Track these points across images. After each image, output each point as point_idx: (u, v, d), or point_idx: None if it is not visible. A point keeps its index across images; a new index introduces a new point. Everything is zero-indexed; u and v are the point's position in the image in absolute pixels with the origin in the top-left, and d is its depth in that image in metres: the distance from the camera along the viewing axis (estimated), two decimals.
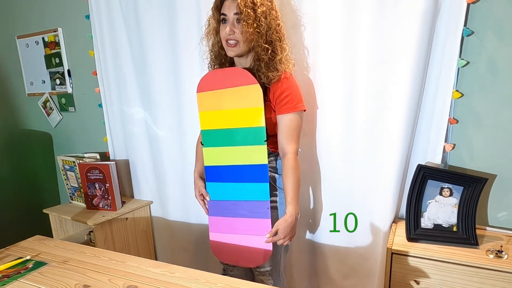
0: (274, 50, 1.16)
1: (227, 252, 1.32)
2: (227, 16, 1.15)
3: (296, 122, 1.20)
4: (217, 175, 1.29)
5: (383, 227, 1.40)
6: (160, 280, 0.98)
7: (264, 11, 1.12)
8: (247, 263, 1.29)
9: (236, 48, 1.16)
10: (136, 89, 1.81)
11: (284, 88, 1.18)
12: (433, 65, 1.25)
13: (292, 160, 1.19)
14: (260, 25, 1.12)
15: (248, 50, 1.18)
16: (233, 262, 1.32)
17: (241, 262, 1.30)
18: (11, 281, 1.02)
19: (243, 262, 1.30)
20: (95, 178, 1.82)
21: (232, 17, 1.14)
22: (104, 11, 1.78)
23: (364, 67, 1.30)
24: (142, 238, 1.94)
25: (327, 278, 1.57)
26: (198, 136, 1.44)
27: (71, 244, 1.26)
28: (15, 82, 2.43)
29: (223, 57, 1.27)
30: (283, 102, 1.18)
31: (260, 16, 1.11)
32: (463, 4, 1.15)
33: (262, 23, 1.12)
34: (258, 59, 1.17)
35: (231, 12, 1.13)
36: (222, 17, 1.16)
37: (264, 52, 1.15)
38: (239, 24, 1.13)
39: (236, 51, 1.17)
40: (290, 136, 1.20)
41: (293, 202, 1.18)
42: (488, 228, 1.31)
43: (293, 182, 1.18)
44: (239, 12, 1.11)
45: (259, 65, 1.17)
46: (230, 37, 1.15)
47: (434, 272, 1.18)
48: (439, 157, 1.29)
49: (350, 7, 1.27)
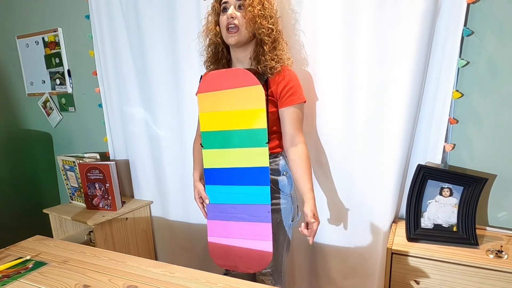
0: (275, 39, 1.18)
1: (226, 258, 1.29)
2: (229, 2, 1.16)
3: (301, 113, 1.24)
4: (217, 177, 1.27)
5: (383, 227, 1.40)
6: (160, 280, 0.98)
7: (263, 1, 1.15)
8: (247, 268, 1.27)
9: (237, 35, 1.16)
10: (136, 89, 1.81)
11: (288, 80, 1.19)
12: (433, 65, 1.25)
13: (305, 149, 1.22)
14: (264, 8, 1.15)
15: (248, 37, 1.18)
16: (232, 267, 1.30)
17: (240, 267, 1.27)
18: (11, 281, 1.02)
19: (243, 268, 1.27)
20: (95, 178, 1.82)
21: (235, 2, 1.15)
22: (104, 11, 1.78)
23: (364, 67, 1.30)
24: (142, 238, 1.94)
25: (327, 278, 1.57)
26: (195, 138, 1.43)
27: (71, 244, 1.26)
28: (15, 82, 2.43)
29: (220, 52, 1.26)
30: (288, 94, 1.19)
31: (264, 1, 1.15)
32: (463, 4, 1.15)
33: (266, 6, 1.15)
34: (261, 45, 1.17)
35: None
36: (223, 6, 1.18)
37: (268, 35, 1.16)
38: (241, 10, 1.15)
39: (237, 38, 1.16)
40: (299, 126, 1.23)
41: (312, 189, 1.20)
42: (488, 228, 1.31)
43: (309, 170, 1.21)
44: None
45: (262, 51, 1.17)
46: (231, 20, 1.15)
47: (434, 272, 1.18)
48: (439, 157, 1.29)
49: (350, 8, 1.27)
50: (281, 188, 1.27)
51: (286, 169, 1.28)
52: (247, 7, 1.14)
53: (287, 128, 1.22)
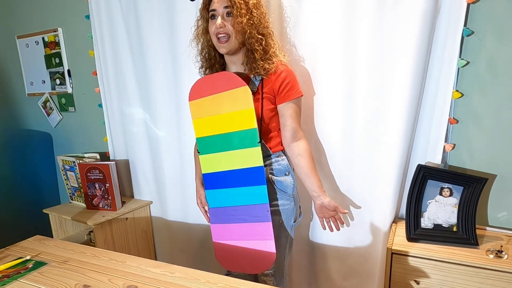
0: (266, 44, 1.17)
1: (232, 260, 1.30)
2: (217, 11, 1.14)
3: (300, 107, 1.25)
4: (215, 181, 1.28)
5: (383, 227, 1.40)
6: (160, 280, 0.98)
7: (255, 3, 1.14)
8: (253, 269, 1.28)
9: (228, 44, 1.15)
10: (136, 89, 1.81)
11: (284, 76, 1.19)
12: (433, 65, 1.25)
13: (307, 143, 1.24)
14: (253, 16, 1.13)
15: (240, 45, 1.17)
16: (239, 269, 1.30)
17: (247, 269, 1.28)
18: (11, 281, 1.02)
19: (249, 269, 1.28)
20: (95, 178, 1.82)
21: (222, 10, 1.13)
22: (104, 11, 1.78)
23: (364, 67, 1.30)
24: (142, 238, 1.94)
25: (327, 278, 1.57)
26: (195, 144, 1.44)
27: (71, 244, 1.26)
28: (15, 82, 2.43)
29: (213, 58, 1.26)
30: (286, 89, 1.19)
31: (252, 8, 1.13)
32: (463, 4, 1.15)
33: (255, 14, 1.13)
34: (252, 52, 1.16)
35: (221, 6, 1.13)
36: (211, 14, 1.16)
37: (258, 44, 1.15)
38: (229, 17, 1.13)
39: (228, 47, 1.16)
40: (299, 121, 1.24)
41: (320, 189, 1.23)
42: (488, 228, 1.31)
43: (314, 164, 1.23)
44: (230, 5, 1.11)
45: (253, 58, 1.17)
46: (220, 30, 1.14)
47: (434, 272, 1.18)
48: (439, 157, 1.29)
49: (350, 8, 1.26)
50: (283, 189, 1.27)
51: (289, 168, 1.29)
52: (235, 17, 1.12)
53: (288, 123, 1.22)
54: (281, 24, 1.39)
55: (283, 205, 1.26)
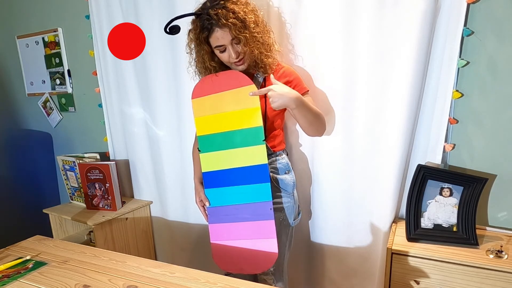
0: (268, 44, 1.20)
1: (231, 261, 1.28)
2: (225, 45, 1.15)
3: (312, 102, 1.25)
4: (216, 180, 1.27)
5: (383, 227, 1.40)
6: (160, 280, 0.98)
7: (253, 20, 1.13)
8: (253, 269, 1.26)
9: (244, 63, 1.19)
10: (136, 89, 1.81)
11: (287, 74, 1.23)
12: (433, 65, 1.25)
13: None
14: (257, 36, 1.15)
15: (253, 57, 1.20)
16: (237, 270, 1.29)
17: (246, 269, 1.27)
18: (11, 281, 1.02)
19: (248, 269, 1.27)
20: (95, 178, 1.82)
21: (229, 41, 1.14)
22: (104, 11, 1.78)
23: (364, 67, 1.30)
24: (142, 238, 1.94)
25: (327, 279, 1.57)
26: (194, 142, 1.45)
27: (71, 244, 1.26)
28: (15, 82, 2.43)
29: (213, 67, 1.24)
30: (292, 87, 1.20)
31: (254, 31, 1.13)
32: (463, 4, 1.15)
33: (257, 34, 1.15)
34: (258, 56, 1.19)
35: (226, 41, 1.13)
36: (217, 48, 1.17)
37: (266, 52, 1.19)
38: (238, 44, 1.15)
39: (245, 65, 1.20)
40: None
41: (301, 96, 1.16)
42: (488, 228, 1.31)
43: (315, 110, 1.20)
44: (235, 37, 1.12)
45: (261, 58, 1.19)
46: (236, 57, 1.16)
47: (434, 272, 1.18)
48: (439, 157, 1.29)
49: (350, 8, 1.26)
50: (284, 186, 1.27)
51: (289, 167, 1.29)
52: (244, 45, 1.13)
53: None
54: (281, 24, 1.39)
55: (284, 203, 1.27)
